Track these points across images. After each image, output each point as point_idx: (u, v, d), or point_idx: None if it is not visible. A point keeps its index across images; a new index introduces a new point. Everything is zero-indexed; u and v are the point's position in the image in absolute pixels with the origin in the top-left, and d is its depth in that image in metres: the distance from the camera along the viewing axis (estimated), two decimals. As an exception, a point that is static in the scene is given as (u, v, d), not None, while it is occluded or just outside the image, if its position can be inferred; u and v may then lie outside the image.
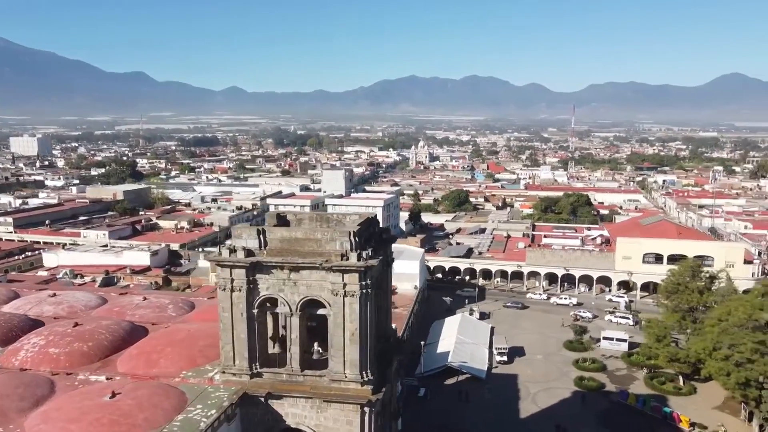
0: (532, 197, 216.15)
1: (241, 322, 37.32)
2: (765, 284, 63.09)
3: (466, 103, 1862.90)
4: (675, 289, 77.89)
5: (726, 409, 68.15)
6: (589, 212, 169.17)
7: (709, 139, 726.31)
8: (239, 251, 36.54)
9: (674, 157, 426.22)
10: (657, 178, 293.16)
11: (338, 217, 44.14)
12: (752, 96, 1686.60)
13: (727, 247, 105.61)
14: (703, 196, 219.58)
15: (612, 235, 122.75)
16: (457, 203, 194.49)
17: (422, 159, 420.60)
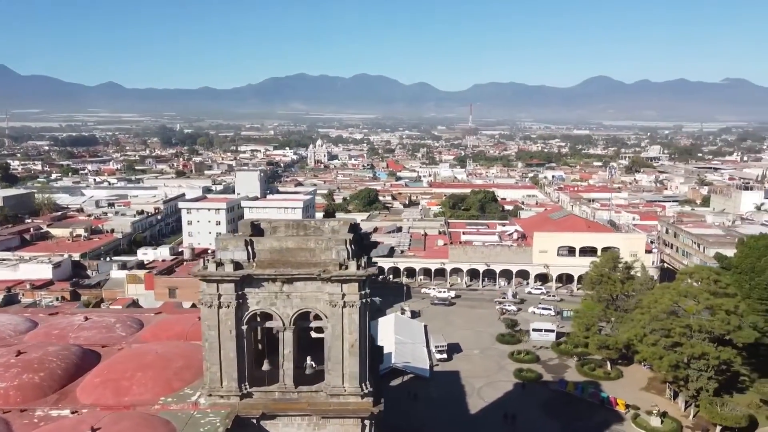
0: (438, 195, 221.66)
1: (229, 340, 34.76)
2: (686, 272, 68.54)
3: (356, 102, 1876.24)
4: (599, 280, 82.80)
5: (652, 390, 73.58)
6: (496, 208, 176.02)
7: (584, 137, 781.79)
8: (227, 264, 33.97)
9: (558, 154, 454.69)
10: (546, 174, 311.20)
11: (316, 224, 42.36)
12: (617, 97, 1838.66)
13: (630, 239, 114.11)
14: (590, 191, 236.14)
15: (525, 230, 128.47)
16: (367, 202, 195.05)
17: (321, 158, 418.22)
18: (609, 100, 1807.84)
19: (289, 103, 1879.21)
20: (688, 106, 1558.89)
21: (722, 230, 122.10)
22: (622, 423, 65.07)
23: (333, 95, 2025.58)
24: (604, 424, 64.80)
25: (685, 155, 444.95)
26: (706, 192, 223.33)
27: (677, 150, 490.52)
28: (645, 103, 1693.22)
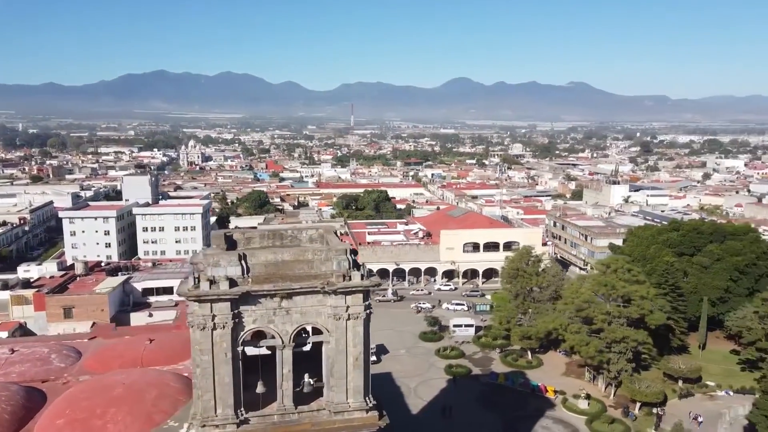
0: (328, 195, 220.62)
1: (224, 364, 31.96)
2: (604, 263, 73.98)
3: (222, 100, 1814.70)
4: (515, 274, 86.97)
5: (571, 374, 78.61)
6: (390, 208, 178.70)
7: (451, 136, 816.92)
8: (221, 282, 31.21)
9: (433, 153, 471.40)
10: (426, 173, 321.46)
11: (293, 232, 40.26)
12: (477, 98, 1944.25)
13: (528, 233, 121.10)
14: (472, 187, 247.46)
15: (428, 228, 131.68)
16: (257, 205, 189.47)
17: (195, 159, 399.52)
18: (470, 100, 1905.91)
19: (149, 102, 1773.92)
20: (540, 107, 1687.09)
21: (602, 221, 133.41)
22: (553, 408, 68.85)
23: (197, 94, 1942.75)
24: (538, 411, 68.17)
25: (544, 152, 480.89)
26: (573, 186, 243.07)
27: (537, 147, 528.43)
28: (502, 104, 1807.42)
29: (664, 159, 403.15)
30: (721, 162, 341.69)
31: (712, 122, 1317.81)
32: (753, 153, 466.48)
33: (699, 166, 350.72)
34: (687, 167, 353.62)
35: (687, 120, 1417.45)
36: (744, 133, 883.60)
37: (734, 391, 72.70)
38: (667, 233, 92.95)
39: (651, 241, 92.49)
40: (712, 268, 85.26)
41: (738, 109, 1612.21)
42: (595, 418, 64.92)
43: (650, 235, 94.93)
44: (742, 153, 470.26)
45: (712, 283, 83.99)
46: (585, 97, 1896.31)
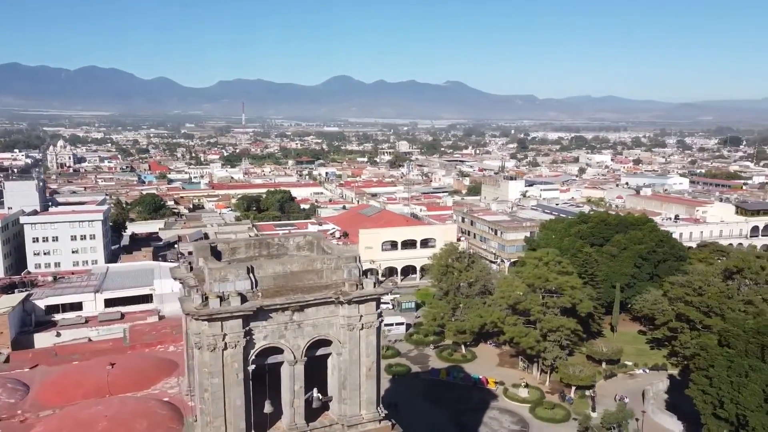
0: (225, 196, 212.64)
1: (236, 385, 29.76)
2: (536, 257, 77.53)
3: (86, 97, 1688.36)
4: (444, 271, 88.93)
5: (505, 365, 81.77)
6: (295, 208, 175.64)
7: (336, 134, 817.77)
8: (232, 298, 28.93)
9: (321, 151, 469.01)
10: (320, 171, 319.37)
11: (279, 240, 38.23)
12: (358, 96, 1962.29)
13: (444, 229, 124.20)
14: (369, 185, 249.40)
15: (342, 227, 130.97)
16: (153, 209, 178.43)
17: (65, 161, 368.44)
18: (351, 98, 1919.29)
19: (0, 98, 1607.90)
20: (419, 105, 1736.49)
21: (508, 216, 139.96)
22: (497, 399, 71.32)
23: (56, 89, 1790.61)
24: (482, 404, 70.26)
25: (431, 149, 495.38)
26: (468, 182, 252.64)
27: (423, 145, 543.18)
28: (383, 102, 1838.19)
29: (541, 155, 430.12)
30: (592, 157, 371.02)
31: (574, 120, 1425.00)
32: (614, 148, 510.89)
33: (572, 161, 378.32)
34: (562, 162, 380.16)
35: (552, 118, 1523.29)
36: (602, 130, 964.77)
37: (649, 368, 79.34)
38: (577, 225, 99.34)
39: (564, 234, 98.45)
40: (620, 256, 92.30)
41: (595, 108, 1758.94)
42: (537, 405, 68.07)
43: (562, 228, 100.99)
44: (605, 148, 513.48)
45: (621, 270, 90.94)
46: (461, 96, 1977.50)
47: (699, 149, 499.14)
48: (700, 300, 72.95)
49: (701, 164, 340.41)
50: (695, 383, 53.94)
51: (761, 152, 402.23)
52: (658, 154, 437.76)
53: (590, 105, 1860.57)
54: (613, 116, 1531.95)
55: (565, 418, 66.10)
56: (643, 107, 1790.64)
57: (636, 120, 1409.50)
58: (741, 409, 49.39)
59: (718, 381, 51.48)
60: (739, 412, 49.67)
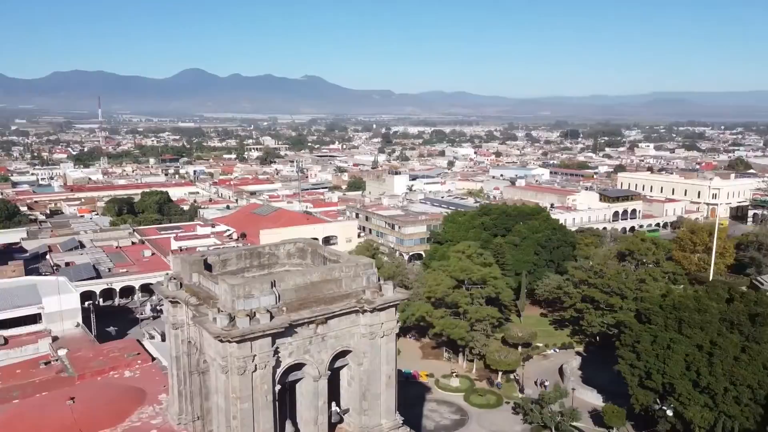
0: (89, 200, 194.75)
1: (265, 408, 27.76)
2: (459, 250, 80.00)
3: None
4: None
5: (430, 357, 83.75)
6: (175, 209, 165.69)
7: (195, 130, 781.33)
8: (261, 315, 26.76)
9: (183, 148, 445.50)
10: (188, 169, 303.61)
11: (270, 249, 35.78)
12: (213, 90, 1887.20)
13: (344, 226, 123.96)
14: (246, 183, 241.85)
15: (237, 228, 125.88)
16: (5, 216, 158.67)
17: None
18: (206, 92, 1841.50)
19: None
20: (278, 100, 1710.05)
21: (401, 210, 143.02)
22: (431, 391, 72.95)
23: None
24: (419, 398, 71.45)
25: (298, 145, 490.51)
26: (346, 177, 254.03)
27: (289, 140, 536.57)
28: (239, 96, 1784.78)
29: (407, 149, 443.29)
30: (457, 150, 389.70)
31: (429, 114, 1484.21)
32: (472, 142, 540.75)
33: (438, 154, 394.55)
34: (429, 156, 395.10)
35: (409, 112, 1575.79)
36: (456, 124, 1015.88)
37: (559, 348, 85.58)
38: (479, 218, 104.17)
39: (468, 226, 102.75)
40: (521, 245, 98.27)
41: (447, 103, 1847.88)
42: (471, 393, 70.73)
43: (465, 220, 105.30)
44: (463, 141, 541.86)
45: (524, 258, 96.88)
46: (320, 90, 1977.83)
47: (545, 142, 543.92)
48: (601, 282, 79.95)
49: (553, 155, 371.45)
50: (623, 359, 59.14)
51: (598, 144, 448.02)
52: (512, 146, 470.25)
53: (443, 100, 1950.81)
54: (464, 111, 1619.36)
55: (498, 403, 69.36)
56: (490, 102, 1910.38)
57: (485, 114, 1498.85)
58: (667, 378, 55.08)
59: (645, 355, 56.90)
60: (666, 381, 55.37)
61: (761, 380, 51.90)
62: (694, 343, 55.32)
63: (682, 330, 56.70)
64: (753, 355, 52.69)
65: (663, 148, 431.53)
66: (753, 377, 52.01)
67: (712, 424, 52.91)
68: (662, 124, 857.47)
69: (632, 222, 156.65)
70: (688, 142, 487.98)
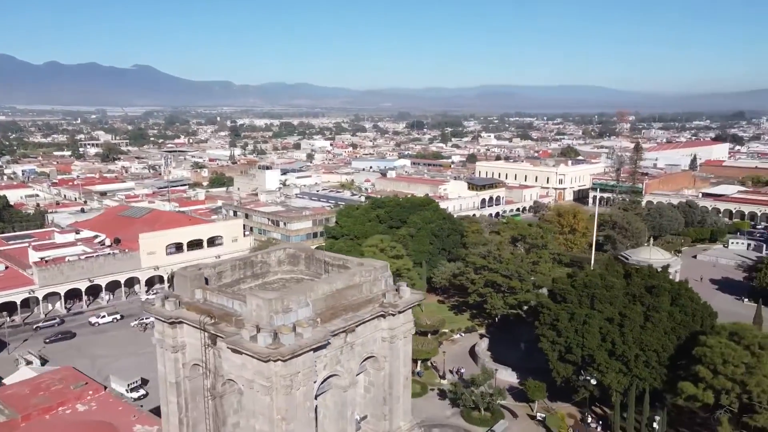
0: None
1: (308, 426, 26.30)
2: (373, 244, 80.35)
3: None
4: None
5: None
6: (20, 215, 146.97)
7: (8, 123, 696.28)
8: (303, 329, 25.13)
9: (2, 144, 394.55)
10: (14, 169, 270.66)
11: (263, 257, 33.24)
12: (26, 79, 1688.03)
13: (230, 225, 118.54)
14: (92, 183, 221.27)
15: (106, 233, 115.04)
16: None
17: None
18: (17, 81, 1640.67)
19: None
20: (106, 90, 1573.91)
21: (282, 206, 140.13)
22: (355, 386, 72.84)
23: None
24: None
25: (139, 139, 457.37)
26: (207, 174, 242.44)
27: (129, 134, 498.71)
28: (59, 86, 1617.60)
29: (260, 142, 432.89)
30: (313, 143, 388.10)
31: (273, 106, 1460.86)
32: (322, 134, 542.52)
33: (294, 147, 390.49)
34: (283, 149, 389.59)
35: (252, 104, 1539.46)
36: (302, 116, 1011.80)
37: (464, 332, 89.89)
38: (374, 211, 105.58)
39: (363, 219, 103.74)
40: (417, 235, 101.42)
41: (290, 95, 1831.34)
42: (395, 384, 71.87)
43: (360, 213, 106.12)
44: (314, 134, 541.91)
45: (421, 248, 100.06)
46: (153, 81, 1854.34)
47: (394, 132, 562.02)
48: (501, 267, 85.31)
49: (407, 146, 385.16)
50: (545, 336, 63.90)
51: (446, 135, 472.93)
52: (364, 138, 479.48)
53: (286, 91, 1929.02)
54: (308, 102, 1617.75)
55: (423, 391, 71.34)
56: (333, 94, 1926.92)
57: (329, 106, 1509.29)
58: (586, 351, 60.59)
59: (565, 332, 62.01)
60: (584, 353, 60.88)
61: (664, 344, 59.12)
62: (605, 317, 61.37)
63: (595, 305, 62.60)
64: (655, 322, 59.77)
65: (501, 137, 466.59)
66: (657, 342, 59.06)
67: (626, 387, 59.26)
68: (494, 115, 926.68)
69: (497, 208, 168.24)
70: (521, 132, 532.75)
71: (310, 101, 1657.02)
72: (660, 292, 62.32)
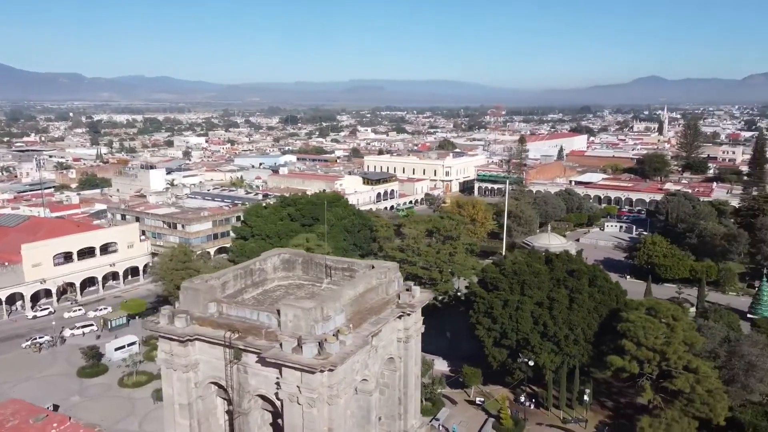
0: None
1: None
2: (298, 243, 78.41)
3: None
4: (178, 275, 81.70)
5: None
6: None
7: None
8: (345, 336, 24.35)
9: None
10: None
11: (260, 265, 31.29)
12: None
13: (124, 230, 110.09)
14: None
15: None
16: None
17: None
18: None
19: None
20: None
21: (176, 207, 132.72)
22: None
23: None
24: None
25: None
26: (74, 175, 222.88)
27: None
28: None
29: (124, 139, 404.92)
30: (188, 140, 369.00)
31: (131, 101, 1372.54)
32: (193, 130, 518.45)
33: (166, 144, 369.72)
34: (154, 146, 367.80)
35: (107, 99, 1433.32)
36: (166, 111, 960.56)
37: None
38: (285, 209, 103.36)
39: (275, 218, 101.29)
40: (331, 232, 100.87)
41: (151, 89, 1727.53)
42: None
43: (270, 212, 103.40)
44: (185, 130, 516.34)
45: (337, 245, 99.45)
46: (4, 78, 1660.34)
47: (268, 128, 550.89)
48: (419, 259, 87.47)
49: (287, 142, 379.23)
50: (480, 324, 66.61)
51: (324, 130, 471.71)
52: (239, 134, 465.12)
53: (145, 85, 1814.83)
54: (170, 97, 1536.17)
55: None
56: (197, 88, 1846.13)
57: (193, 101, 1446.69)
58: (521, 335, 64.13)
59: (500, 318, 65.12)
60: (519, 337, 64.39)
61: (589, 323, 64.15)
62: (535, 301, 65.31)
63: (525, 291, 66.34)
64: (579, 303, 64.64)
65: (378, 131, 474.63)
66: (583, 321, 63.96)
67: (558, 365, 63.60)
68: (365, 109, 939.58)
69: (392, 201, 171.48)
70: (395, 126, 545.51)
71: (172, 96, 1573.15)
72: (580, 275, 67.43)
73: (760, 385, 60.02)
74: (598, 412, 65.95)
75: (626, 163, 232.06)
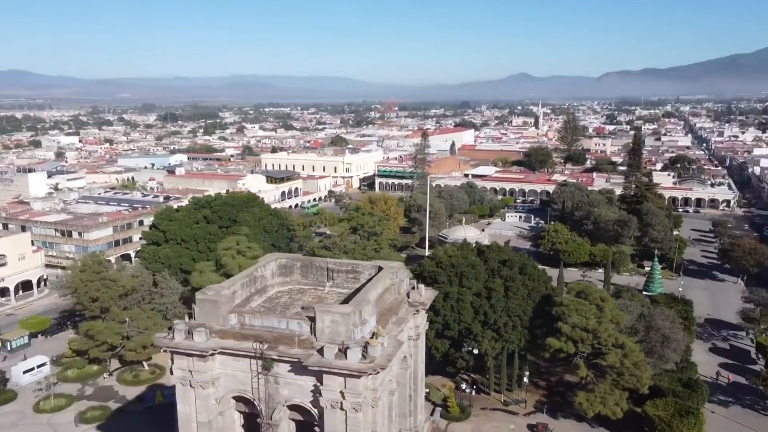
0: None
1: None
2: (228, 247, 75.21)
3: None
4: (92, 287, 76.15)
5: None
6: None
7: None
8: (385, 339, 24.16)
9: None
10: None
11: (261, 272, 29.79)
12: None
13: (16, 240, 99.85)
14: None
15: None
16: None
17: None
18: None
19: None
20: None
21: (67, 214, 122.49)
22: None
23: None
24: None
25: None
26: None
27: None
28: None
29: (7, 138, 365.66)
30: (59, 140, 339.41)
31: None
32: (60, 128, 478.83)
33: (32, 144, 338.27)
34: (17, 147, 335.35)
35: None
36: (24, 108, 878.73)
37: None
38: (199, 211, 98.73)
39: (190, 221, 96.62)
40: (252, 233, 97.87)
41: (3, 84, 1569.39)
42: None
43: (183, 216, 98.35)
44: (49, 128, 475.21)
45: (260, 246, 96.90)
46: None
47: (146, 126, 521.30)
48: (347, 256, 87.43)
49: (171, 140, 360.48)
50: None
51: (207, 127, 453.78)
52: (114, 132, 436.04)
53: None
54: (27, 93, 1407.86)
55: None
56: (57, 83, 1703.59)
57: (54, 97, 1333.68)
58: (463, 325, 66.32)
59: (443, 310, 66.89)
60: (462, 327, 66.56)
61: (524, 309, 67.65)
62: (474, 292, 67.78)
63: (463, 283, 68.57)
64: (514, 291, 67.97)
65: (265, 128, 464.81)
66: (519, 308, 67.35)
67: (499, 351, 66.55)
68: (248, 106, 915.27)
69: (296, 200, 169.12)
70: (281, 122, 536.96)
71: (29, 91, 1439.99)
72: (512, 265, 70.87)
73: (673, 355, 66.60)
74: (533, 392, 69.82)
75: (514, 156, 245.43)
